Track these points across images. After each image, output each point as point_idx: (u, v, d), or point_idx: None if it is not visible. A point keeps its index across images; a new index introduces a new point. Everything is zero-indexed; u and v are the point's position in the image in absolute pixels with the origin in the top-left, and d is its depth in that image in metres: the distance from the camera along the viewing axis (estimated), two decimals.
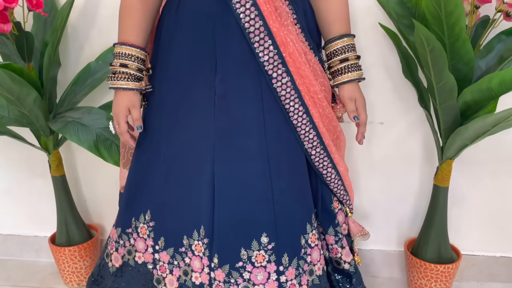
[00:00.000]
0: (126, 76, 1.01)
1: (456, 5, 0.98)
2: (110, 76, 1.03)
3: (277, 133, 1.01)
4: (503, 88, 1.01)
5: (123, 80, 1.01)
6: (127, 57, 1.02)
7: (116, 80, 1.02)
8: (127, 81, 1.01)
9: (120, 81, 1.01)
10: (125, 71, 1.01)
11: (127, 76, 1.01)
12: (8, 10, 1.18)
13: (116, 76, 1.02)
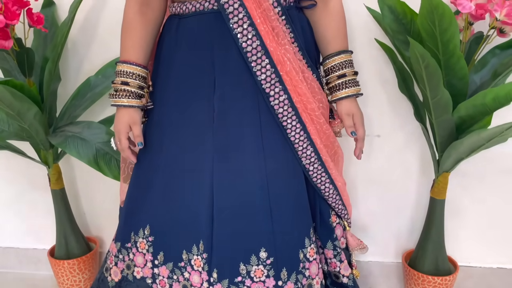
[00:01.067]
0: (128, 94, 1.03)
1: (450, 22, 1.00)
2: (112, 94, 1.04)
3: (275, 150, 1.02)
4: (497, 104, 1.03)
5: (124, 98, 1.03)
6: (128, 75, 1.03)
7: (117, 98, 1.03)
8: (128, 99, 1.03)
9: (122, 99, 1.03)
10: (127, 88, 1.03)
11: (128, 94, 1.03)
12: (9, 26, 1.19)
13: (118, 94, 1.03)
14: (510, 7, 1.05)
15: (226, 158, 1.00)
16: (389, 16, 1.22)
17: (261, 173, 1.00)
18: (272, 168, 1.01)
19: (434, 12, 1.00)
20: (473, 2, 1.08)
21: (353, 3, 1.31)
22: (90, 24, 1.44)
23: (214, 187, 0.99)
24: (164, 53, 1.08)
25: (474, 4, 1.08)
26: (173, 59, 1.05)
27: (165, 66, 1.08)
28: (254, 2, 0.97)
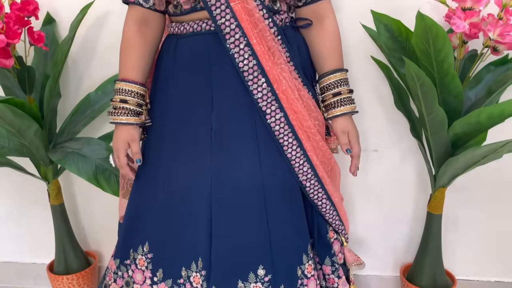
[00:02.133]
0: (126, 112, 1.04)
1: (444, 43, 1.02)
2: (111, 111, 1.06)
3: (272, 166, 1.03)
4: (491, 122, 1.05)
5: (123, 115, 1.04)
6: (127, 93, 1.05)
7: (116, 115, 1.05)
8: (127, 116, 1.04)
9: (121, 116, 1.04)
10: (125, 106, 1.04)
11: (127, 112, 1.04)
12: (11, 45, 1.21)
13: (117, 112, 1.04)
14: (502, 26, 1.06)
15: (223, 176, 1.01)
16: (385, 34, 1.24)
17: (258, 191, 1.01)
18: (270, 186, 1.02)
19: (428, 33, 1.02)
20: (467, 22, 1.10)
21: (349, 20, 1.33)
22: (90, 41, 1.46)
23: (212, 205, 1.00)
24: (162, 72, 1.10)
25: (468, 24, 1.10)
26: (171, 78, 1.07)
27: (163, 84, 1.09)
28: (250, 22, 0.99)
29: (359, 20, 1.30)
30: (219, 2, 0.98)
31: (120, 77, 1.07)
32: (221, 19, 0.98)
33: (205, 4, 0.98)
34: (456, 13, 1.11)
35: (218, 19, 0.98)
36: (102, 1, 1.39)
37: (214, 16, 0.98)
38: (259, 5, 1.00)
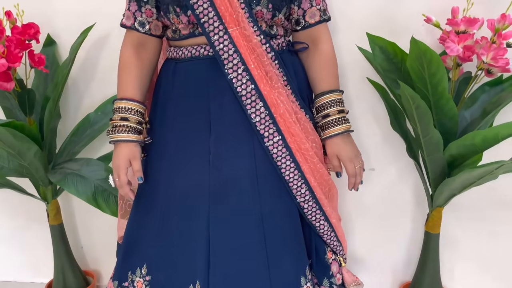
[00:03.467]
0: (127, 129, 1.05)
1: (438, 67, 1.04)
2: (110, 130, 1.06)
3: (270, 189, 1.04)
4: (486, 144, 1.06)
5: (124, 133, 1.04)
6: (127, 110, 1.05)
7: (116, 133, 1.05)
8: (128, 133, 1.05)
9: (121, 134, 1.04)
10: (126, 124, 1.05)
11: (128, 129, 1.05)
12: (11, 69, 1.23)
13: (117, 129, 1.05)
14: (495, 50, 1.08)
15: (222, 200, 1.02)
16: (380, 56, 1.26)
17: (256, 215, 1.02)
18: (267, 209, 1.03)
19: (423, 57, 1.04)
20: (461, 45, 1.12)
21: (345, 41, 1.35)
22: (90, 62, 1.48)
23: (210, 229, 1.01)
24: (161, 95, 1.11)
25: (461, 47, 1.12)
26: (170, 101, 1.08)
27: (162, 107, 1.11)
28: (248, 48, 1.01)
29: (355, 41, 1.31)
30: (217, 28, 1.00)
31: (118, 97, 1.08)
32: (219, 45, 1.00)
33: (203, 30, 1.00)
34: (450, 37, 1.13)
35: (217, 45, 1.00)
36: (102, 24, 1.41)
37: (212, 42, 1.00)
38: (256, 30, 1.02)
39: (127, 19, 1.08)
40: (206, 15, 0.99)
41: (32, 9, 1.40)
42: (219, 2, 0.99)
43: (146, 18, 1.08)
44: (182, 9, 1.02)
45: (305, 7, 1.10)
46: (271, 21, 1.06)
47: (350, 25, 1.35)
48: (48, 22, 1.44)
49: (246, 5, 1.01)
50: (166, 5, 1.05)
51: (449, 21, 1.15)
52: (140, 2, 1.06)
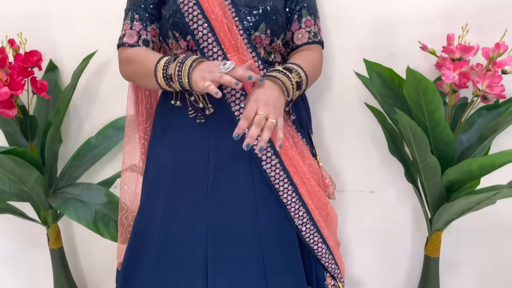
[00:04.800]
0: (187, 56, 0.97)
1: (434, 96, 1.05)
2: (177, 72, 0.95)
3: (268, 213, 1.05)
4: (483, 171, 1.07)
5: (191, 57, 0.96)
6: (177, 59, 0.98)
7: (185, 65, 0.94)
8: None
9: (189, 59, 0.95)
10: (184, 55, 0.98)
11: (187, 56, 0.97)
12: (14, 96, 1.24)
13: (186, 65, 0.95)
14: (490, 78, 1.10)
15: (220, 228, 1.02)
16: (378, 81, 1.28)
17: (256, 243, 1.02)
18: (267, 235, 1.03)
19: (419, 86, 1.05)
20: (456, 72, 1.14)
21: (343, 66, 1.37)
22: (91, 87, 1.49)
23: (208, 258, 1.01)
24: (160, 122, 1.13)
25: (457, 74, 1.13)
26: (169, 127, 1.10)
27: (161, 132, 1.12)
28: None
29: (353, 67, 1.33)
30: (216, 54, 1.02)
31: (156, 63, 0.99)
32: None
33: (202, 55, 1.02)
34: (446, 64, 1.15)
35: None
36: (104, 49, 1.43)
37: None
38: (254, 56, 1.04)
39: (129, 37, 1.07)
40: (206, 41, 1.01)
41: (35, 35, 1.43)
42: (219, 28, 1.01)
43: (151, 38, 1.09)
44: (181, 34, 1.04)
45: (294, 29, 1.12)
46: (269, 47, 1.08)
47: (347, 51, 1.37)
48: (50, 48, 1.47)
49: (245, 31, 1.03)
50: (165, 30, 1.07)
51: (445, 49, 1.16)
52: (145, 22, 1.07)
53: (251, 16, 1.04)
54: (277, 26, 1.07)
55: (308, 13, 1.11)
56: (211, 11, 1.02)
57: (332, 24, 1.35)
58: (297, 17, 1.11)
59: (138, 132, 1.23)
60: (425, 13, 1.31)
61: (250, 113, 0.90)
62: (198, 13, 1.01)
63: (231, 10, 1.04)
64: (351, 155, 1.45)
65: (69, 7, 1.43)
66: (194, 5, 1.01)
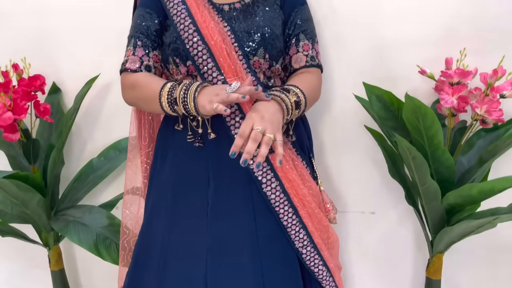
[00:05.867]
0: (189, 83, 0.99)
1: (433, 122, 1.06)
2: (182, 97, 0.97)
3: (269, 238, 1.05)
4: (483, 196, 1.07)
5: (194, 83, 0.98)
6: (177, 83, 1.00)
7: (190, 90, 0.96)
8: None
9: (193, 85, 0.97)
10: (187, 82, 1.00)
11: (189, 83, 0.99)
12: (17, 120, 1.26)
13: (187, 89, 0.97)
14: (489, 103, 1.11)
15: (220, 252, 1.03)
16: (377, 104, 1.29)
17: (255, 264, 1.02)
18: (266, 258, 1.04)
19: (417, 111, 1.06)
20: (455, 96, 1.15)
21: (342, 88, 1.38)
22: (94, 110, 1.51)
23: (208, 282, 1.01)
24: (162, 146, 1.14)
25: (456, 99, 1.14)
26: (170, 152, 1.11)
27: (162, 159, 1.13)
28: None
29: (352, 89, 1.35)
30: (216, 78, 1.04)
31: (161, 86, 1.01)
32: None
33: (202, 80, 1.03)
34: (444, 88, 1.16)
35: None
36: (106, 72, 1.45)
37: None
38: (254, 81, 1.05)
39: (131, 63, 1.08)
40: (205, 66, 1.03)
41: (38, 58, 1.45)
42: (218, 54, 1.03)
43: (153, 63, 1.10)
44: (181, 59, 1.06)
45: (292, 53, 1.13)
46: (268, 71, 1.10)
47: (347, 73, 1.38)
48: (53, 70, 1.49)
49: (244, 56, 1.05)
50: (166, 56, 1.09)
51: (443, 73, 1.18)
52: (147, 48, 1.09)
53: (250, 42, 1.06)
54: (275, 51, 1.09)
55: (306, 37, 1.13)
56: (210, 37, 1.04)
57: (332, 48, 1.36)
58: (295, 41, 1.13)
59: (140, 157, 1.24)
60: (423, 37, 1.33)
61: (245, 130, 0.91)
62: (198, 39, 1.03)
63: (230, 36, 1.06)
64: (351, 176, 1.45)
65: (72, 30, 1.45)
66: (194, 32, 1.03)
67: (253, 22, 1.07)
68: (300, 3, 1.15)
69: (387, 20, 1.34)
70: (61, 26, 1.46)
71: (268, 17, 1.09)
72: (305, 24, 1.13)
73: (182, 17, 1.05)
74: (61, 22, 1.45)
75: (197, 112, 0.96)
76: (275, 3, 1.13)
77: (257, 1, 1.11)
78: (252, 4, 1.11)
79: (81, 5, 1.43)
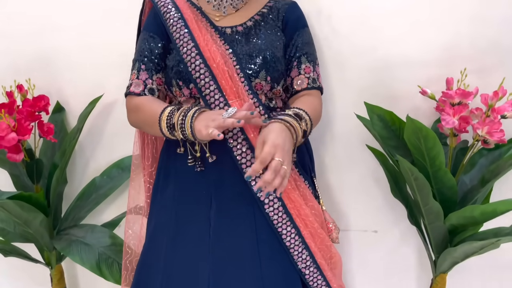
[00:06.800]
0: (186, 110, 0.99)
1: (434, 143, 1.07)
2: (179, 124, 0.98)
3: (271, 259, 1.05)
4: (485, 217, 1.07)
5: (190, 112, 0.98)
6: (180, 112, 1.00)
7: (187, 118, 0.97)
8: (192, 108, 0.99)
9: (189, 113, 0.97)
10: (184, 108, 1.00)
11: (186, 110, 0.99)
12: (21, 141, 1.27)
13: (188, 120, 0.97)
14: (490, 124, 1.11)
15: (223, 274, 1.02)
16: (379, 124, 1.29)
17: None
18: (269, 281, 1.03)
19: (419, 133, 1.07)
20: (456, 117, 1.15)
21: (344, 107, 1.39)
22: (97, 128, 1.52)
23: None
24: (164, 166, 1.15)
25: (457, 119, 1.15)
26: (173, 171, 1.11)
27: (165, 179, 1.13)
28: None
29: (353, 108, 1.35)
30: (218, 100, 1.05)
31: (160, 111, 1.02)
32: None
33: (205, 102, 1.05)
34: (445, 109, 1.16)
35: None
36: (110, 91, 1.46)
37: None
38: (255, 102, 1.06)
39: (135, 86, 1.11)
40: (208, 88, 1.04)
41: (43, 77, 1.47)
42: (220, 76, 1.04)
43: (156, 86, 1.12)
44: (184, 82, 1.07)
45: (293, 75, 1.14)
46: (270, 93, 1.11)
47: (348, 93, 1.39)
48: (57, 89, 1.50)
49: (246, 78, 1.06)
50: (169, 78, 1.10)
51: (444, 94, 1.18)
52: (151, 71, 1.11)
53: (252, 64, 1.07)
54: (277, 73, 1.10)
55: (307, 60, 1.14)
56: (212, 60, 1.05)
57: (333, 68, 1.38)
58: (296, 63, 1.14)
59: (143, 176, 1.25)
60: (423, 56, 1.34)
61: (267, 157, 0.89)
62: (200, 63, 1.05)
63: (232, 58, 1.07)
64: (354, 195, 1.45)
65: (76, 50, 1.47)
66: (196, 55, 1.05)
67: (255, 45, 1.09)
68: (301, 26, 1.16)
69: (387, 40, 1.35)
70: (65, 46, 1.48)
71: (270, 40, 1.10)
72: (307, 47, 1.15)
73: (185, 40, 1.06)
74: (65, 42, 1.47)
75: (194, 137, 0.97)
76: (276, 26, 1.14)
77: (259, 25, 1.13)
78: (254, 27, 1.12)
79: (85, 26, 1.46)
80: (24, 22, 1.47)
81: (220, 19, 1.13)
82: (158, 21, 1.12)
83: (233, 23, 1.12)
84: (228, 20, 1.13)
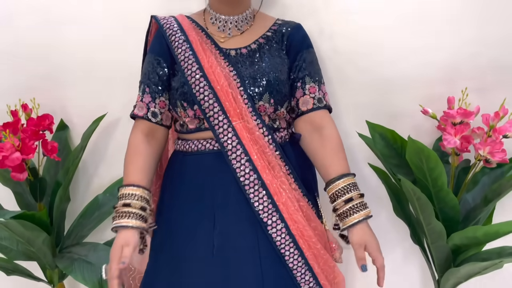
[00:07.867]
0: (128, 215, 1.02)
1: (436, 164, 1.07)
2: (113, 217, 1.04)
3: (274, 282, 1.05)
4: (488, 238, 1.07)
5: (124, 218, 1.02)
6: (130, 196, 1.04)
7: (118, 219, 1.02)
8: (128, 219, 1.02)
9: (121, 220, 1.02)
10: (127, 210, 1.03)
11: (128, 214, 1.02)
12: (25, 160, 1.28)
13: (118, 215, 1.03)
14: (492, 144, 1.11)
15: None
16: (380, 142, 1.30)
17: None
18: None
19: (421, 153, 1.07)
20: (458, 137, 1.15)
21: (346, 125, 1.40)
22: (100, 146, 1.53)
23: None
24: (169, 185, 1.15)
25: (458, 139, 1.15)
26: (178, 191, 1.12)
27: (170, 199, 1.14)
28: (251, 140, 1.06)
29: (355, 127, 1.36)
30: (222, 122, 1.06)
31: (124, 183, 1.08)
32: (224, 137, 1.06)
33: (209, 124, 1.06)
34: (447, 128, 1.17)
35: (221, 137, 1.06)
36: (113, 109, 1.48)
37: (217, 134, 1.06)
38: (259, 123, 1.07)
39: (139, 109, 1.12)
40: (212, 110, 1.06)
41: (47, 95, 1.48)
42: (224, 98, 1.06)
43: (159, 109, 1.13)
44: (189, 104, 1.09)
45: (298, 96, 1.14)
46: (273, 114, 1.12)
47: (350, 111, 1.40)
48: (61, 107, 1.51)
49: (249, 100, 1.07)
50: (174, 100, 1.11)
51: (445, 114, 1.19)
52: (154, 94, 1.12)
53: (255, 87, 1.08)
54: (280, 96, 1.11)
55: (311, 80, 1.15)
56: (216, 82, 1.06)
57: (336, 86, 1.39)
58: (300, 84, 1.14)
59: None
60: (426, 75, 1.35)
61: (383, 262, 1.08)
62: (205, 85, 1.06)
63: (236, 80, 1.08)
64: None
65: (80, 68, 1.49)
66: (200, 77, 1.06)
67: (259, 68, 1.10)
68: (305, 47, 1.17)
69: (389, 59, 1.36)
70: (69, 65, 1.49)
71: (274, 63, 1.11)
72: (310, 67, 1.15)
73: (190, 62, 1.08)
74: (70, 60, 1.49)
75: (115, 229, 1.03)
76: (280, 48, 1.15)
77: (263, 47, 1.14)
78: (258, 50, 1.13)
79: (89, 44, 1.47)
80: (29, 41, 1.49)
81: (225, 40, 1.15)
82: (163, 42, 1.14)
83: (238, 45, 1.14)
84: (233, 42, 1.15)
